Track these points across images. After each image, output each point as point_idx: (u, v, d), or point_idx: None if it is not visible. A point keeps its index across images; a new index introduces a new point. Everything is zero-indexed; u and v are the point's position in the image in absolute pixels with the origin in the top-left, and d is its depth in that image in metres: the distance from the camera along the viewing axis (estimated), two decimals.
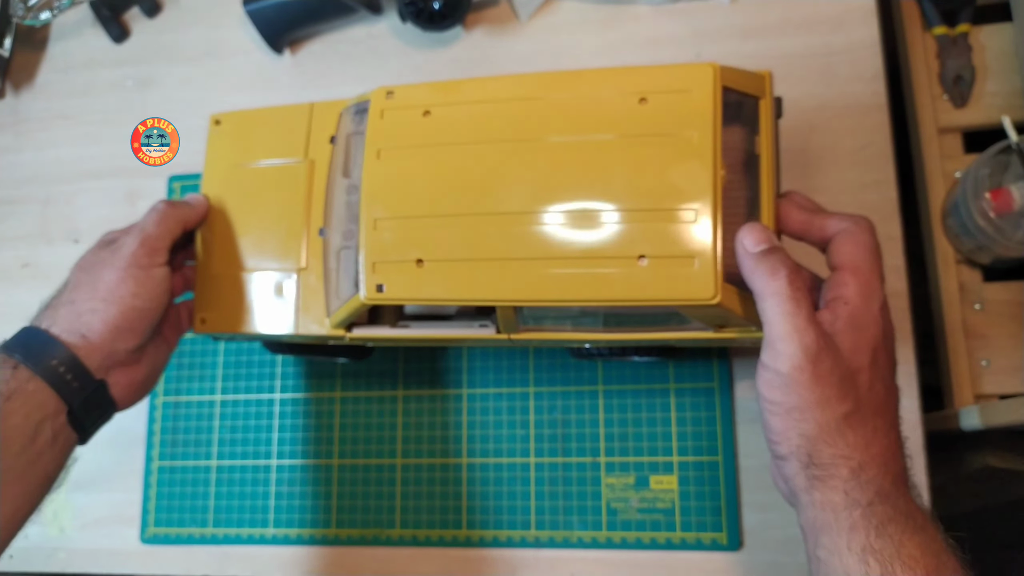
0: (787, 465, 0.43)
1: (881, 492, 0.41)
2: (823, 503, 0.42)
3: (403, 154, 0.50)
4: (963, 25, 0.67)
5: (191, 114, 0.78)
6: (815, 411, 0.41)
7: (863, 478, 0.41)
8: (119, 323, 0.50)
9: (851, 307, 0.43)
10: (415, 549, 0.64)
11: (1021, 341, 0.61)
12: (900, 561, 0.39)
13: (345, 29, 0.77)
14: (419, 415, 0.66)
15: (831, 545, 0.41)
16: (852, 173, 0.64)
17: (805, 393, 0.41)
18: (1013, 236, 0.58)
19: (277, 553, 0.67)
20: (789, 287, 0.42)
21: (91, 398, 0.49)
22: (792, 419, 0.42)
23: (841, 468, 0.42)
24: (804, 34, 0.67)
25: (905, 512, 0.41)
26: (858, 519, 0.41)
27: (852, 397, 0.42)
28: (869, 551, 0.40)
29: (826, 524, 0.42)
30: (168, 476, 0.69)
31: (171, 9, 0.81)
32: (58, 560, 0.70)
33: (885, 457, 0.42)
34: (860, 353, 0.42)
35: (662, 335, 0.50)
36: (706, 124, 0.45)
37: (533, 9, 0.73)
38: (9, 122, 0.82)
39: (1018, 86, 0.66)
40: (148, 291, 0.51)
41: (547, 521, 0.62)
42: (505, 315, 0.49)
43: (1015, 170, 0.58)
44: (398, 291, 0.48)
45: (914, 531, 0.41)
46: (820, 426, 0.42)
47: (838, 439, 0.42)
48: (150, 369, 0.54)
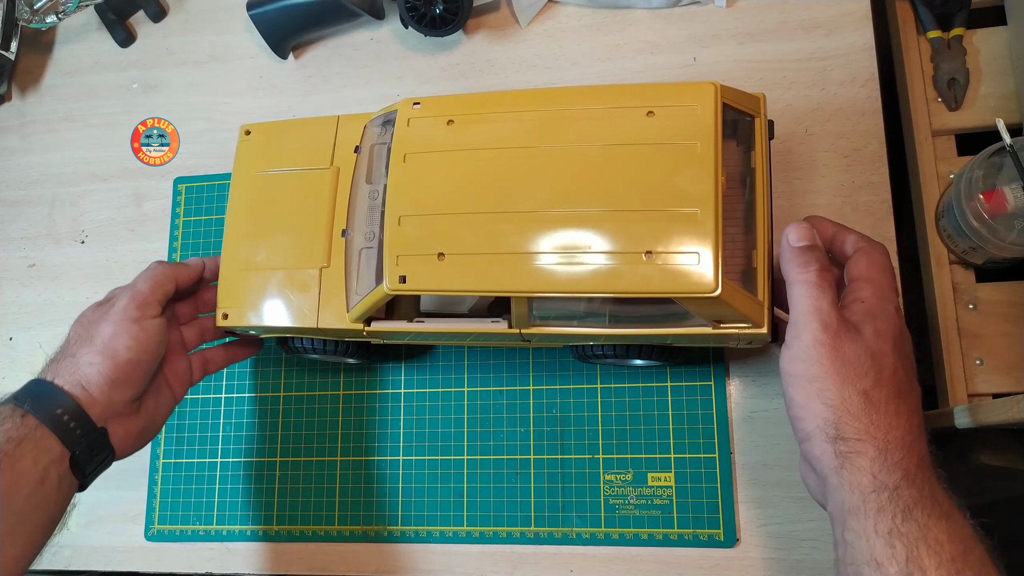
0: (814, 444, 0.44)
1: (907, 475, 0.42)
2: (852, 484, 0.43)
3: (427, 158, 0.53)
4: (957, 29, 0.67)
5: (196, 118, 0.79)
6: (835, 380, 0.43)
7: (890, 460, 0.42)
8: (115, 375, 0.53)
9: (868, 304, 0.46)
10: (417, 545, 0.65)
11: (1014, 341, 0.62)
12: (926, 545, 0.40)
13: (348, 34, 0.78)
14: (420, 413, 0.67)
15: (858, 528, 0.42)
16: (847, 175, 0.65)
17: (825, 363, 0.44)
18: (1006, 237, 0.59)
19: (280, 549, 0.68)
20: (818, 277, 0.46)
21: (93, 444, 0.52)
22: (814, 388, 0.44)
23: (867, 445, 0.42)
24: (800, 38, 0.68)
25: (932, 497, 0.42)
26: (885, 502, 0.41)
27: (873, 374, 0.43)
28: (896, 534, 0.41)
29: (854, 507, 0.42)
30: (173, 473, 0.70)
31: (176, 14, 0.82)
32: (63, 557, 0.71)
33: (908, 440, 0.43)
34: (882, 339, 0.45)
35: (663, 331, 0.52)
36: (708, 135, 0.49)
37: (533, 14, 0.73)
38: (15, 124, 0.83)
39: (1011, 89, 0.66)
40: (140, 343, 0.54)
41: (546, 517, 0.63)
42: (519, 309, 0.52)
43: (1008, 172, 0.59)
44: (420, 282, 0.51)
45: (940, 516, 0.41)
46: (843, 396, 0.43)
47: (862, 414, 0.43)
48: (148, 420, 0.57)
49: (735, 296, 0.48)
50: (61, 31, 0.85)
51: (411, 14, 0.71)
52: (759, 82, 0.68)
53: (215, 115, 0.79)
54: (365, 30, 0.77)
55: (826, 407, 0.44)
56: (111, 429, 0.53)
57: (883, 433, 0.43)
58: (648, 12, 0.72)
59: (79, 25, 0.84)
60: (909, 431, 0.43)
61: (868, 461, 0.42)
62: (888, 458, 0.42)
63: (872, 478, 0.42)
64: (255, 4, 0.74)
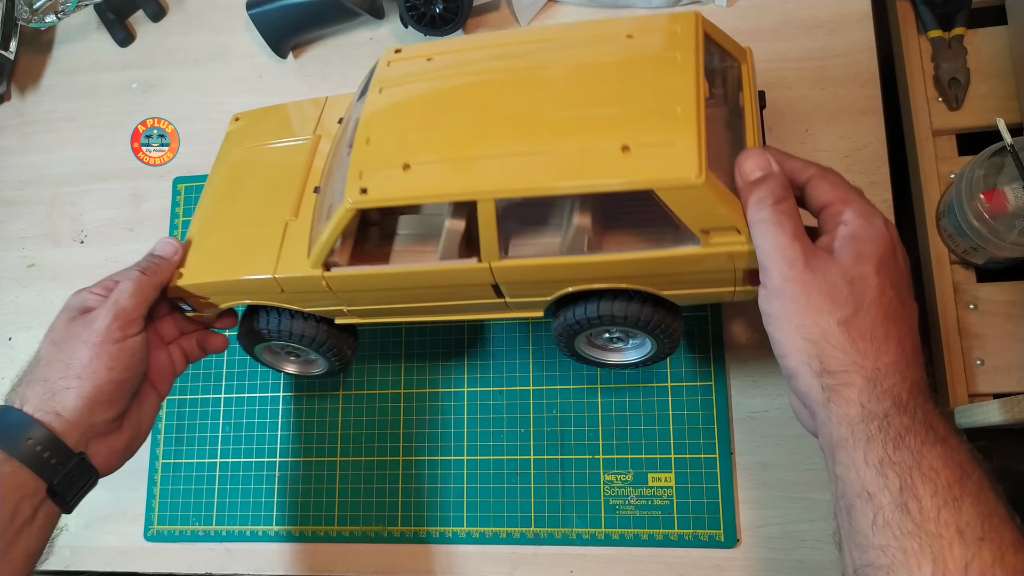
0: (800, 380, 0.42)
1: (898, 402, 0.40)
2: (839, 417, 0.41)
3: (404, 88, 0.52)
4: (958, 28, 0.67)
5: (195, 117, 0.79)
6: (812, 314, 0.41)
7: (879, 388, 0.40)
8: (95, 397, 0.50)
9: (851, 227, 0.43)
10: (416, 546, 0.65)
11: (1015, 341, 0.62)
12: (920, 472, 0.38)
13: (348, 33, 0.78)
14: (420, 413, 0.67)
15: (848, 460, 0.40)
16: (847, 175, 0.63)
17: (799, 298, 0.42)
18: (1007, 237, 0.59)
19: (280, 550, 0.68)
20: (773, 214, 0.43)
21: (72, 472, 0.49)
22: (792, 325, 0.42)
23: (855, 376, 0.40)
24: (800, 37, 0.68)
25: (925, 422, 0.39)
26: (875, 431, 0.39)
27: (853, 301, 0.41)
28: (887, 463, 0.38)
29: (842, 439, 0.40)
30: (172, 474, 0.70)
31: (175, 13, 0.82)
32: (63, 557, 0.71)
33: (900, 365, 0.41)
34: (862, 262, 0.42)
35: (647, 254, 0.48)
36: (688, 47, 0.47)
37: (533, 13, 0.73)
38: (15, 124, 0.83)
39: (1012, 89, 0.66)
40: (123, 363, 0.51)
41: (546, 518, 0.63)
42: (487, 233, 0.47)
43: (1009, 172, 0.59)
44: (382, 192, 0.47)
45: (934, 442, 0.39)
46: (822, 330, 0.41)
47: (846, 344, 0.41)
48: (133, 433, 0.54)
49: (720, 192, 0.44)
50: (60, 31, 0.85)
51: (411, 13, 0.71)
52: (759, 81, 0.67)
53: (215, 115, 0.78)
54: (365, 29, 0.77)
55: (807, 342, 0.41)
56: (93, 451, 0.51)
57: (871, 361, 0.40)
58: (648, 11, 0.71)
59: (78, 25, 0.84)
60: (901, 355, 0.41)
61: (856, 392, 0.40)
62: (878, 386, 0.40)
63: (860, 408, 0.40)
64: (254, 3, 0.74)
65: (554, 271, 0.49)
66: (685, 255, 0.47)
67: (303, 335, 0.57)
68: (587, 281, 0.50)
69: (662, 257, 0.47)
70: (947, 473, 0.38)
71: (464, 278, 0.50)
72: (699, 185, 0.43)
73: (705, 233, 0.46)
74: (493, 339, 0.67)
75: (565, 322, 0.54)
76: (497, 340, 0.67)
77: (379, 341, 0.69)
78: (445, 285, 0.52)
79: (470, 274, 0.50)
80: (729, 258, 0.46)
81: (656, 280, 0.50)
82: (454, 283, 0.51)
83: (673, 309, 0.53)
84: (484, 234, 0.48)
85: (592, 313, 0.52)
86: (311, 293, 0.54)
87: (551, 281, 0.51)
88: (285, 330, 0.57)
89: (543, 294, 0.52)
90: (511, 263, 0.49)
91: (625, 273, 0.49)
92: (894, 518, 0.37)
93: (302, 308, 0.56)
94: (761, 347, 0.63)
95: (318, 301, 0.55)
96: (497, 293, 0.52)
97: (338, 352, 0.60)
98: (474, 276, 0.50)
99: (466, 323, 0.68)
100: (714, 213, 0.44)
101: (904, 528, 0.37)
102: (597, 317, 0.52)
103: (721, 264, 0.47)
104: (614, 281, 0.50)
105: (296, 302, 0.55)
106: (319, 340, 0.58)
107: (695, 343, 0.64)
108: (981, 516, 0.37)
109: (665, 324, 0.52)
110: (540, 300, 0.53)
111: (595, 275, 0.49)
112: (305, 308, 0.56)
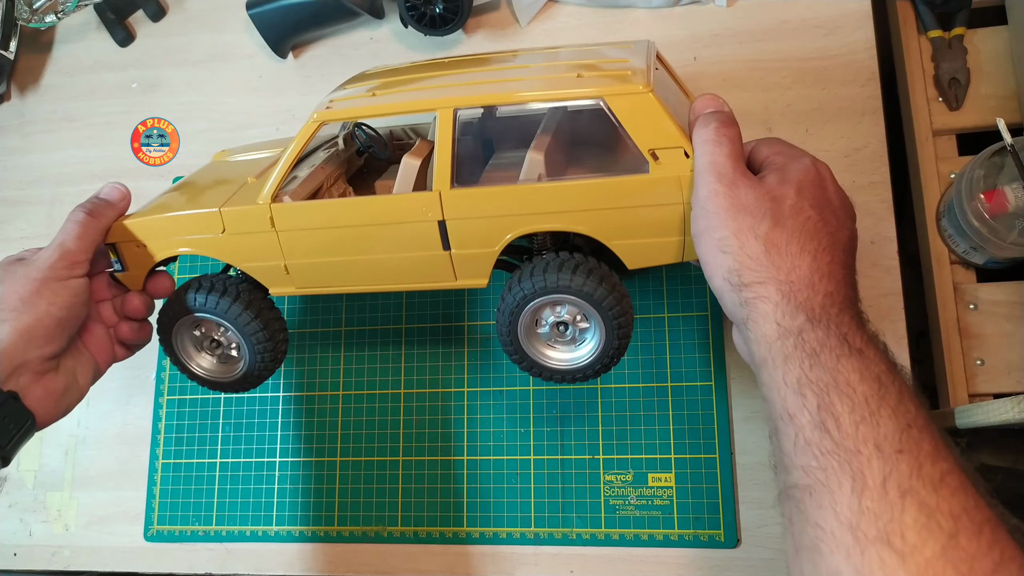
0: (725, 298, 0.43)
1: (812, 316, 0.40)
2: (759, 337, 0.41)
3: (382, 76, 0.58)
4: (958, 28, 0.67)
5: (195, 117, 0.79)
6: (732, 226, 0.42)
7: (793, 303, 0.40)
8: (32, 330, 0.48)
9: (779, 162, 0.46)
10: (416, 546, 0.65)
11: (1015, 341, 0.62)
12: (837, 389, 0.38)
13: (348, 33, 0.78)
14: (420, 413, 0.67)
15: (770, 381, 0.40)
16: (847, 175, 0.65)
17: (721, 212, 0.43)
18: (1007, 237, 0.59)
19: (280, 550, 0.68)
20: (715, 134, 0.45)
21: (3, 412, 0.47)
22: (714, 239, 0.43)
23: (769, 288, 0.41)
24: (800, 37, 0.68)
25: (839, 335, 0.39)
26: (791, 349, 0.39)
27: (771, 216, 0.42)
28: (804, 382, 0.38)
29: (763, 359, 0.41)
30: (172, 474, 0.70)
31: (175, 13, 0.82)
32: (63, 557, 0.71)
33: (814, 278, 0.41)
34: (785, 184, 0.44)
35: (596, 181, 0.49)
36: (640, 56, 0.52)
37: (533, 13, 0.73)
38: (15, 124, 0.83)
39: (1012, 89, 0.66)
40: (65, 300, 0.50)
41: (546, 518, 0.63)
42: (443, 149, 0.49)
43: (1009, 172, 0.59)
44: (347, 108, 0.52)
45: (850, 355, 0.38)
46: (740, 242, 0.42)
47: (762, 256, 0.41)
48: (69, 379, 0.52)
49: (668, 111, 0.47)
50: (60, 30, 0.85)
51: (411, 13, 0.71)
52: (759, 81, 0.68)
53: (215, 115, 0.79)
54: (365, 29, 0.77)
55: (725, 255, 0.42)
56: (27, 391, 0.48)
57: (784, 274, 0.41)
58: (648, 11, 0.71)
59: (78, 24, 0.84)
60: (815, 268, 0.41)
61: (772, 307, 0.41)
62: (791, 300, 0.40)
63: (776, 326, 0.40)
64: (254, 3, 0.74)
65: (504, 203, 0.50)
66: (635, 181, 0.48)
67: (232, 310, 0.55)
68: (536, 222, 0.50)
69: (612, 184, 0.48)
70: (863, 387, 0.38)
71: (413, 213, 0.50)
72: (646, 93, 0.46)
73: (655, 158, 0.47)
74: (493, 339, 0.67)
75: (510, 296, 0.52)
76: (497, 340, 0.67)
77: (379, 341, 0.69)
78: (392, 223, 0.51)
79: (419, 207, 0.50)
80: (678, 185, 0.47)
81: (606, 222, 0.49)
82: (402, 220, 0.51)
83: (621, 289, 0.51)
84: (440, 156, 0.49)
85: (539, 281, 0.50)
86: (252, 235, 0.53)
87: (500, 218, 0.50)
88: (213, 301, 0.54)
89: (490, 242, 0.51)
90: (462, 192, 0.50)
91: (575, 208, 0.49)
92: (814, 438, 0.38)
93: (239, 263, 0.55)
94: None
95: (258, 250, 0.54)
96: (444, 243, 0.51)
97: (267, 340, 0.56)
98: (423, 210, 0.50)
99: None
100: (662, 128, 0.47)
101: (823, 447, 0.37)
102: (544, 286, 0.50)
103: (670, 194, 0.48)
104: (563, 223, 0.50)
105: (234, 252, 0.54)
106: (250, 315, 0.55)
107: (695, 343, 0.64)
108: (899, 428, 0.36)
109: (613, 299, 0.50)
110: (486, 251, 0.52)
111: (544, 209, 0.49)
112: (242, 263, 0.54)
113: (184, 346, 0.59)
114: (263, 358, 0.57)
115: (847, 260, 0.43)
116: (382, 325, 0.69)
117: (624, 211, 0.49)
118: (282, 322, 0.58)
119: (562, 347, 0.54)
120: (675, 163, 0.47)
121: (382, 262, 0.53)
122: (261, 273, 0.55)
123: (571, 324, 0.53)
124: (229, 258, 0.55)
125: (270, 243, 0.53)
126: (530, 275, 0.51)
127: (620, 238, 0.50)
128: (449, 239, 0.51)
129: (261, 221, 0.52)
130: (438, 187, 0.50)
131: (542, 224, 0.50)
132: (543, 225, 0.50)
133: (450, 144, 0.49)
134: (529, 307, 0.52)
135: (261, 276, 0.55)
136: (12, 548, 0.73)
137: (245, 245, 0.54)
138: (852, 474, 0.36)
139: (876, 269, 0.62)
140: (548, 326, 0.53)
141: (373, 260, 0.53)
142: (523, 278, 0.51)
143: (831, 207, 0.44)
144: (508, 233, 0.51)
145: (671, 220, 0.49)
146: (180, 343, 0.58)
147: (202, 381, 0.59)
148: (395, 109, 0.51)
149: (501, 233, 0.51)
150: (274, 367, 0.59)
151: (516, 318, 0.52)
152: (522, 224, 0.50)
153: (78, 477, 0.73)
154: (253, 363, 0.57)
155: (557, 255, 0.51)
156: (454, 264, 0.52)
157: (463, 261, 0.52)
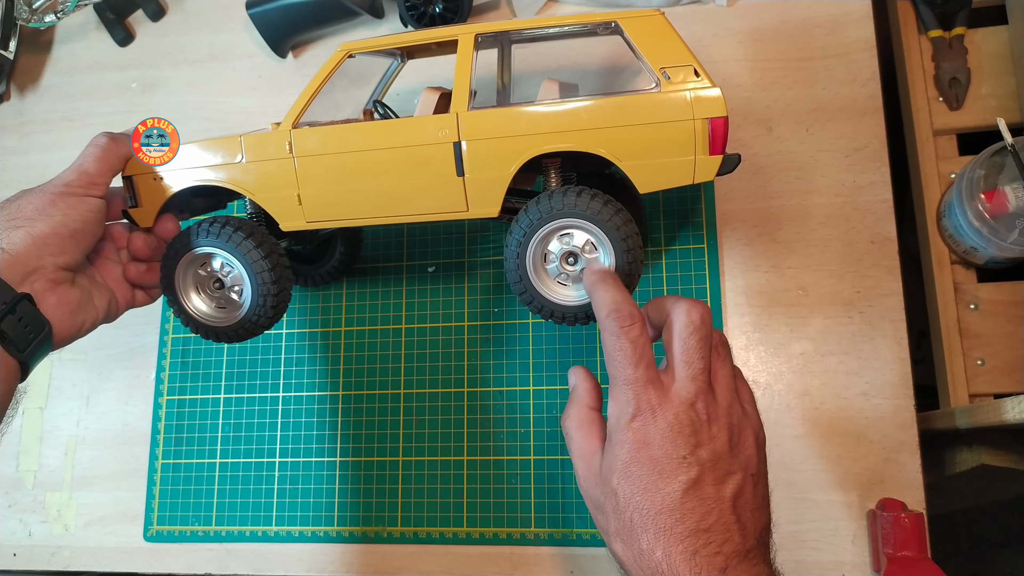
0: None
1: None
2: None
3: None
4: (958, 28, 0.67)
5: (195, 117, 0.79)
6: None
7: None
8: (47, 237, 0.48)
9: (610, 419, 0.49)
10: (417, 546, 0.65)
11: (1015, 341, 0.62)
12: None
13: (348, 33, 0.78)
14: (420, 413, 0.67)
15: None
16: (848, 174, 0.64)
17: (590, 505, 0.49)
18: (1007, 237, 0.59)
19: (280, 550, 0.68)
20: (570, 421, 0.52)
21: (20, 315, 0.46)
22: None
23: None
24: (800, 37, 0.68)
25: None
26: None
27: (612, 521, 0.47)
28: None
29: None
30: (172, 474, 0.70)
31: (175, 13, 0.82)
32: (62, 557, 0.71)
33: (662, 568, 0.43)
34: (609, 472, 0.48)
35: (609, 100, 0.50)
36: None
37: (533, 13, 0.73)
38: (14, 124, 0.83)
39: (1013, 88, 0.66)
40: (80, 213, 0.50)
41: (547, 518, 0.63)
42: (461, 73, 0.52)
43: (1010, 171, 0.59)
44: (371, 42, 0.55)
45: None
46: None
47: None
48: (84, 296, 0.51)
49: (676, 31, 0.50)
50: (60, 30, 0.84)
51: (411, 13, 0.70)
52: (759, 81, 0.68)
53: (214, 114, 0.78)
54: (365, 29, 0.77)
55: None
56: (42, 297, 0.48)
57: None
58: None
59: (78, 24, 0.84)
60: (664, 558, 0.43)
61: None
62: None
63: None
64: (254, 3, 0.74)
65: (519, 123, 0.51)
66: (647, 99, 0.49)
67: (244, 244, 0.54)
68: (550, 141, 0.50)
69: (624, 103, 0.49)
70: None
71: (429, 135, 0.52)
72: (659, 15, 0.50)
73: (666, 77, 0.49)
74: (493, 339, 0.67)
75: (518, 226, 0.52)
76: (497, 340, 0.67)
77: (379, 341, 0.69)
78: (409, 145, 0.52)
79: (436, 128, 0.51)
80: (688, 104, 0.49)
81: (618, 141, 0.50)
82: (419, 143, 0.52)
83: (626, 214, 0.51)
84: (459, 79, 0.52)
85: (545, 207, 0.51)
86: (269, 162, 0.54)
87: (514, 139, 0.51)
88: (227, 233, 0.54)
89: (503, 166, 0.52)
90: (478, 112, 0.51)
91: (588, 126, 0.50)
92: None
93: (254, 192, 0.55)
94: (760, 346, 0.63)
95: (273, 179, 0.54)
96: (459, 168, 0.52)
97: (272, 283, 0.55)
98: (440, 130, 0.51)
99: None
100: (673, 47, 0.50)
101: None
102: (549, 209, 0.51)
103: (681, 110, 0.49)
104: (577, 141, 0.50)
105: (250, 181, 0.55)
106: (259, 251, 0.54)
107: None
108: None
109: (620, 219, 0.50)
110: (500, 175, 0.52)
111: (558, 128, 0.50)
112: (257, 193, 0.55)
113: (185, 286, 0.57)
114: (265, 301, 0.55)
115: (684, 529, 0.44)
116: (382, 325, 0.69)
117: (636, 128, 0.50)
118: (289, 270, 0.57)
119: (572, 284, 0.54)
120: (685, 81, 0.49)
121: (395, 190, 0.53)
122: (274, 204, 0.55)
123: (580, 254, 0.53)
124: (245, 187, 0.55)
125: (286, 171, 0.54)
126: (536, 203, 0.51)
127: (632, 158, 0.50)
128: (464, 163, 0.52)
129: (279, 147, 0.54)
130: (455, 109, 0.51)
131: (556, 143, 0.50)
132: (557, 144, 0.50)
133: (469, 68, 0.52)
134: (537, 235, 0.51)
135: (274, 207, 0.55)
136: (12, 548, 0.73)
137: (262, 173, 0.55)
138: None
139: (877, 269, 0.62)
140: (557, 260, 0.53)
141: (386, 187, 0.53)
142: (530, 207, 0.51)
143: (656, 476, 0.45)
144: (522, 155, 0.51)
145: (682, 138, 0.49)
146: (182, 282, 0.57)
147: (197, 326, 0.58)
148: (420, 38, 0.54)
149: (515, 156, 0.51)
150: (275, 316, 0.57)
151: (524, 249, 0.52)
152: (536, 145, 0.51)
153: (77, 477, 0.73)
154: (254, 305, 0.55)
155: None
156: (467, 191, 0.53)
157: (476, 187, 0.52)
